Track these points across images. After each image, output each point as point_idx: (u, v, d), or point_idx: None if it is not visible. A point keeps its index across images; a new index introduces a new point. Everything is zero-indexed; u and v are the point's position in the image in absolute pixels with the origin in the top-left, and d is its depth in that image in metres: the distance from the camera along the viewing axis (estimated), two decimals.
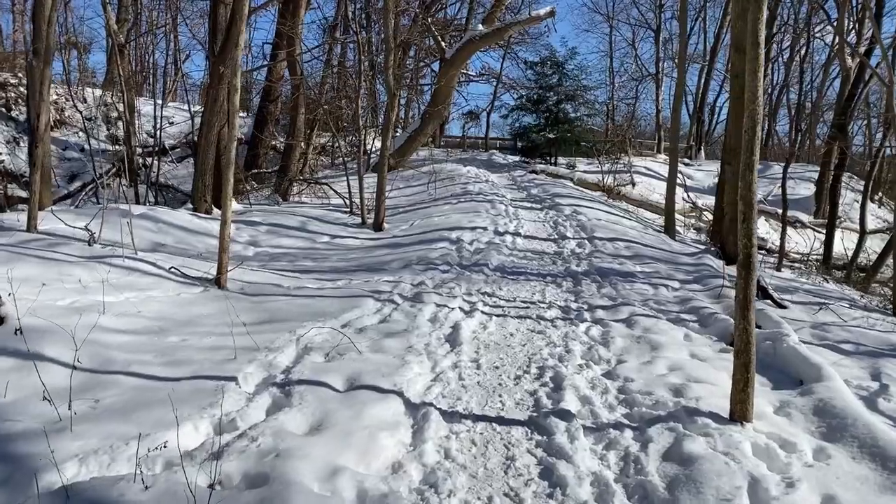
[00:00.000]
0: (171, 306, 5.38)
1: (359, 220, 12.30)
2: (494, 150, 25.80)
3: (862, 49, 17.99)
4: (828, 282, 12.15)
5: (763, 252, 17.15)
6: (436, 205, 13.78)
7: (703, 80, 35.87)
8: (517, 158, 22.57)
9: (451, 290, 6.91)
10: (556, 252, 9.88)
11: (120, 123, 21.53)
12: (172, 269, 6.27)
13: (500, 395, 4.13)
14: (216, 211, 11.75)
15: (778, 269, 12.49)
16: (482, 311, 6.22)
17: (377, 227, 11.70)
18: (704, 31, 36.35)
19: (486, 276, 7.85)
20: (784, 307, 7.49)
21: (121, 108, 20.26)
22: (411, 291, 6.74)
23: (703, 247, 12.57)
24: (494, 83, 30.33)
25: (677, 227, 16.65)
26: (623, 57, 37.03)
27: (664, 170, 21.51)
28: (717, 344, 5.65)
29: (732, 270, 10.06)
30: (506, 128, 26.75)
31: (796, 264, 14.46)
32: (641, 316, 6.29)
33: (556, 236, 11.08)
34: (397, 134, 21.41)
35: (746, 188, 3.68)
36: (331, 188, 14.38)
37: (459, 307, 6.27)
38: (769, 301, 7.56)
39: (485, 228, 11.02)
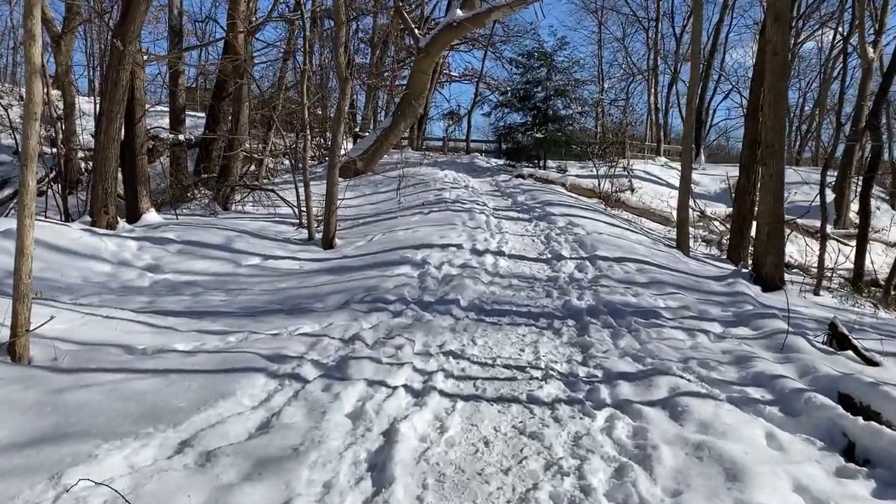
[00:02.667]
0: None
1: (306, 234, 9.98)
2: (477, 153, 23.61)
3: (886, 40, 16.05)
4: (877, 307, 10.01)
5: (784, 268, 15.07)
6: (403, 215, 11.48)
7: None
8: (501, 162, 20.35)
9: (399, 348, 4.61)
10: (550, 278, 7.62)
11: (62, 123, 19.03)
12: None
13: None
14: (123, 224, 9.38)
15: (816, 293, 10.34)
16: (441, 392, 3.93)
17: (326, 243, 9.39)
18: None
19: (455, 321, 5.56)
20: (877, 364, 5.27)
21: (62, 106, 17.95)
22: (336, 354, 4.44)
23: (728, 268, 10.40)
24: (477, 83, 28.21)
25: None
26: (615, 52, 35.03)
27: (666, 174, 19.41)
28: (827, 457, 3.40)
29: (774, 300, 7.89)
30: (489, 127, 24.55)
31: (831, 285, 12.31)
32: (689, 395, 4.04)
33: (550, 255, 8.82)
34: (365, 134, 19.14)
35: None
36: (278, 195, 12.04)
37: (406, 384, 3.98)
38: (855, 353, 5.35)
39: (459, 246, 8.73)
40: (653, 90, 24.82)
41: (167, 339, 4.63)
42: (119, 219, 9.39)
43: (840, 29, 21.18)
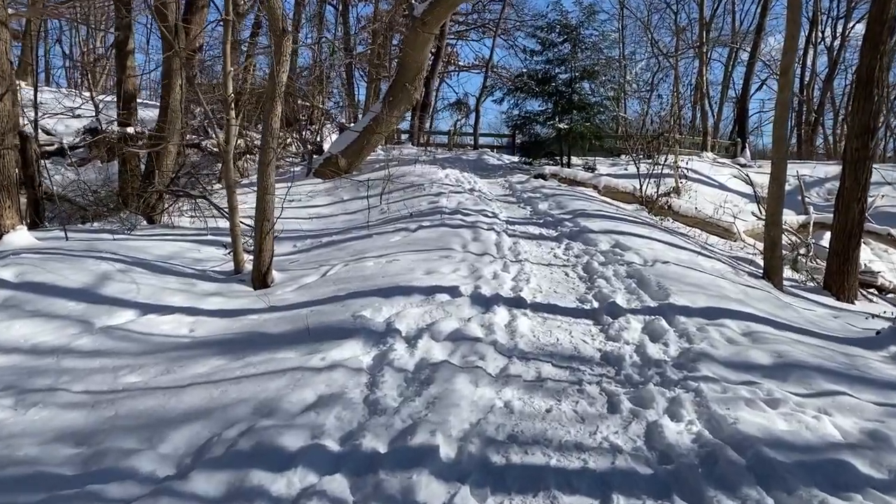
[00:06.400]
0: None
1: (245, 265, 6.82)
2: (487, 149, 20.40)
3: None
4: None
5: (874, 291, 11.78)
6: (383, 232, 8.32)
7: (731, 68, 30.54)
8: (515, 158, 17.09)
9: None
10: (606, 357, 4.40)
11: None
12: None
13: None
14: None
15: None
16: None
17: (258, 280, 6.26)
18: (733, 11, 31.15)
19: None
20: None
21: None
22: None
23: (847, 309, 7.20)
24: (486, 68, 25.04)
25: (749, 256, 11.26)
26: (639, 39, 31.69)
27: (717, 174, 16.09)
28: None
29: None
30: (501, 118, 21.29)
31: None
32: None
33: (597, 304, 5.59)
34: (350, 125, 15.98)
35: None
36: (213, 205, 8.87)
37: None
38: None
39: (454, 290, 5.54)
40: (704, 69, 21.24)
41: None
42: None
43: None
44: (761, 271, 8.50)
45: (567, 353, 4.44)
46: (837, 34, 28.76)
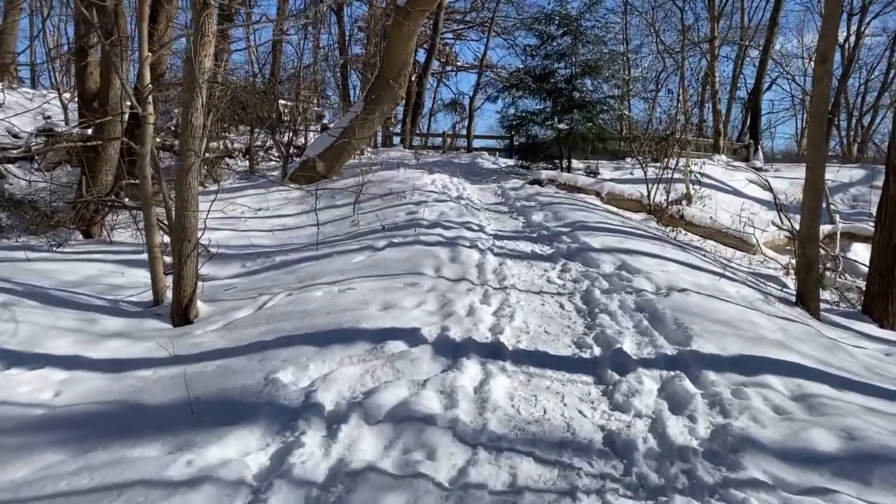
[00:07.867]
0: None
1: (167, 294, 5.59)
2: (483, 152, 19.17)
3: None
4: None
5: None
6: (344, 250, 7.06)
7: (740, 66, 29.21)
8: (512, 162, 15.83)
9: None
10: (609, 442, 3.15)
11: None
12: None
13: None
14: None
15: None
16: None
17: (178, 314, 5.04)
18: (742, 7, 29.81)
19: None
20: None
21: None
22: None
23: None
24: (480, 64, 23.82)
25: (771, 271, 9.98)
26: (644, 36, 30.42)
27: (730, 178, 14.79)
28: None
29: None
30: (497, 118, 20.03)
31: None
32: None
33: (598, 351, 4.33)
34: (337, 126, 14.74)
35: None
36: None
37: None
38: None
39: (413, 334, 4.28)
40: (714, 64, 19.78)
41: None
42: None
43: None
44: (792, 294, 7.21)
45: (557, 436, 3.18)
46: (852, 31, 27.45)
